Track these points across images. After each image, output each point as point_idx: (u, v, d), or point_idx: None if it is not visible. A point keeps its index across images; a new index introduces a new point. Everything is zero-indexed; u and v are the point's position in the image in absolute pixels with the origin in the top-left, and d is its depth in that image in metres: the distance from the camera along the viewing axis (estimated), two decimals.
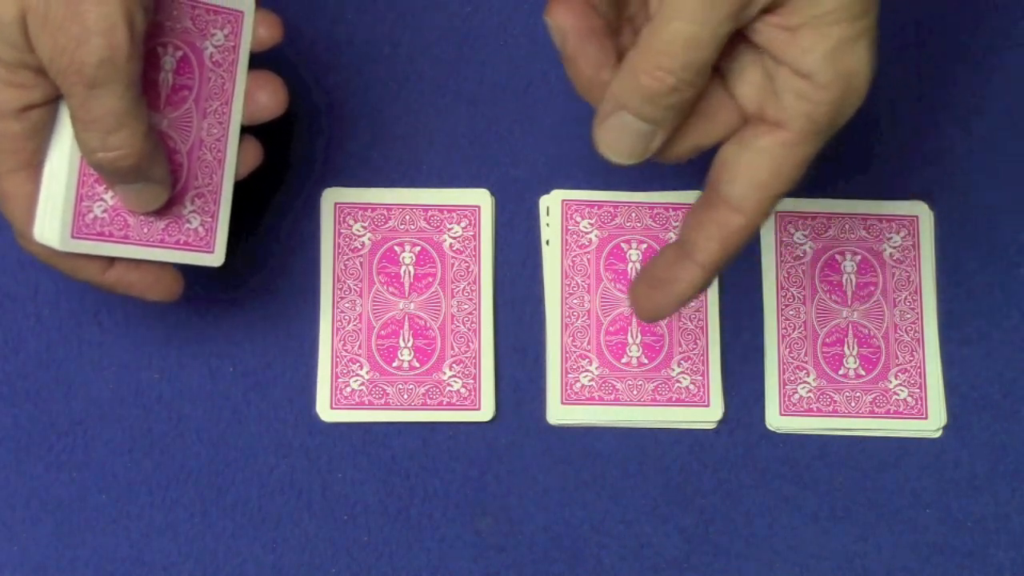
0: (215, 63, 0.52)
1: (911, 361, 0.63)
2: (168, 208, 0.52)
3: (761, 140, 0.46)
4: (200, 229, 0.53)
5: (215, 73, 0.52)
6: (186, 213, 0.52)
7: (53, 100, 0.49)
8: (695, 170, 0.65)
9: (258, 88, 0.53)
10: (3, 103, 0.48)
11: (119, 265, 0.52)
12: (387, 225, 0.62)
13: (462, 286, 0.62)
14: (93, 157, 0.47)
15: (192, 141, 0.52)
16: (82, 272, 0.51)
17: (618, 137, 0.48)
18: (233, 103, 0.53)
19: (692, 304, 0.62)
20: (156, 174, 0.49)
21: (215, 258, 0.53)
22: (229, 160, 0.53)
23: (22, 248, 0.51)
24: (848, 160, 0.65)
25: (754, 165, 0.47)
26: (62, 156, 0.49)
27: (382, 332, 0.61)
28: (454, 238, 0.62)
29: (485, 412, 0.61)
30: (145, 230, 0.52)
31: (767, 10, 0.44)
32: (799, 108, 0.46)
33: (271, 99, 0.53)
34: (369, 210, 0.62)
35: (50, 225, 0.50)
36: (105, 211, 0.51)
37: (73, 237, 0.50)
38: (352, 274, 0.61)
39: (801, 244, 0.64)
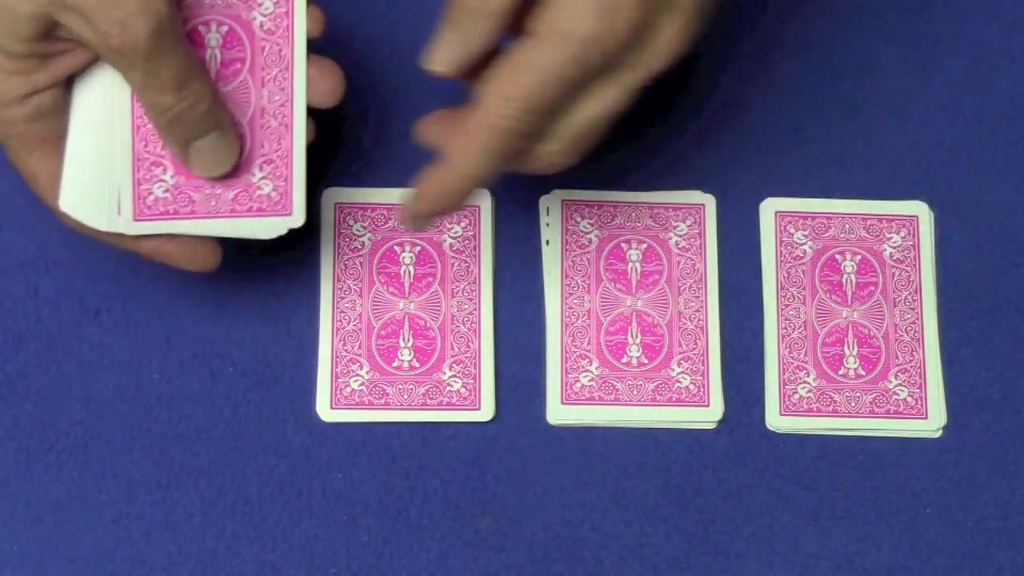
0: (267, 32, 0.52)
1: (911, 361, 0.63)
2: (236, 178, 0.52)
3: (514, 48, 0.49)
4: (274, 194, 0.53)
5: (268, 41, 0.52)
6: (256, 180, 0.53)
7: (56, 84, 0.50)
8: (695, 170, 0.65)
9: (320, 74, 0.53)
10: (6, 91, 0.49)
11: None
12: (387, 225, 0.62)
13: (462, 286, 0.62)
14: (170, 114, 0.49)
15: (253, 110, 0.52)
16: (116, 240, 0.53)
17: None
18: (295, 67, 0.52)
19: (692, 304, 0.62)
20: (226, 121, 0.51)
21: (295, 219, 0.53)
22: (298, 123, 0.53)
23: (61, 222, 0.52)
24: (848, 160, 0.65)
25: (499, 64, 0.49)
26: (101, 145, 0.50)
27: (382, 332, 0.61)
28: (454, 238, 0.62)
29: (485, 412, 0.61)
30: (213, 203, 0.52)
31: None
32: (546, 16, 0.48)
33: (333, 86, 0.53)
34: (369, 210, 0.62)
35: (102, 207, 0.51)
36: (167, 191, 0.52)
37: (136, 220, 0.51)
38: (352, 274, 0.61)
39: (801, 244, 0.64)
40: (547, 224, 0.63)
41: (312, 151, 0.61)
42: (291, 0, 0.52)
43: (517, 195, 0.63)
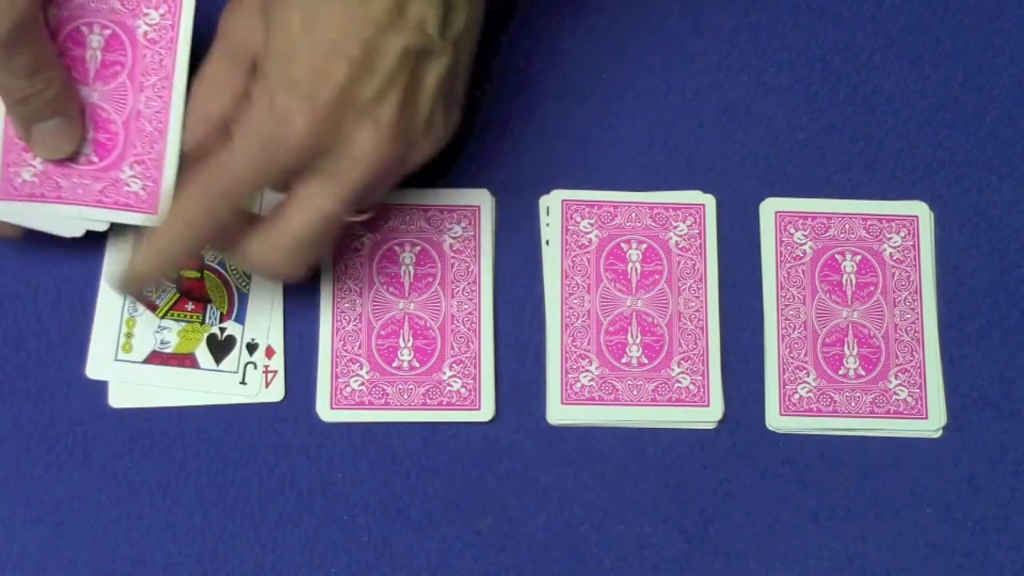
0: (150, 41, 0.56)
1: (911, 361, 0.63)
2: (106, 172, 0.56)
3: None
4: (142, 193, 0.56)
5: (151, 50, 0.56)
6: (125, 177, 0.56)
7: None
8: (695, 170, 0.65)
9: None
10: None
11: None
12: (387, 225, 0.62)
13: (462, 286, 0.62)
14: (18, 96, 0.54)
15: (129, 112, 0.56)
16: None
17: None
18: (175, 77, 0.56)
19: (692, 304, 0.62)
20: (71, 110, 0.55)
21: (158, 219, 0.56)
22: (172, 131, 0.56)
23: None
24: (848, 160, 0.65)
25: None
26: None
27: (382, 332, 0.61)
28: (454, 238, 0.62)
29: (485, 412, 0.61)
30: (80, 191, 0.56)
31: None
32: (238, 122, 0.53)
33: None
34: (369, 210, 0.62)
35: None
36: (35, 175, 0.55)
37: (1, 199, 0.55)
38: (352, 274, 0.61)
39: (801, 244, 0.64)
40: (547, 224, 0.63)
41: None
42: (178, 13, 0.56)
43: (517, 195, 0.63)
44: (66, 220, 0.56)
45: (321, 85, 0.50)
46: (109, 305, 0.59)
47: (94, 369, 0.59)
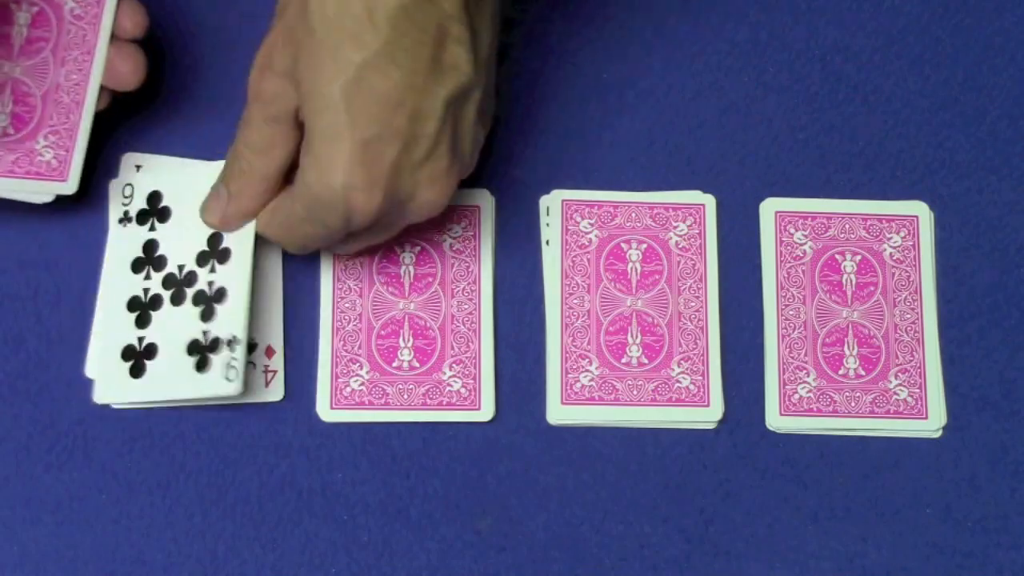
0: (76, 17, 0.58)
1: (911, 361, 0.63)
2: (20, 144, 0.57)
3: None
4: (53, 161, 0.57)
5: (75, 26, 0.58)
6: (39, 148, 0.57)
7: None
8: (695, 170, 0.65)
9: (121, 59, 0.58)
10: None
11: None
12: None
13: (462, 286, 0.62)
14: None
15: (48, 85, 0.58)
16: None
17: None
18: (97, 51, 0.58)
19: (692, 304, 0.62)
20: None
21: (68, 186, 0.57)
22: (89, 102, 0.58)
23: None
24: (848, 160, 0.65)
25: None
26: None
27: (382, 332, 0.61)
28: (455, 238, 0.62)
29: (485, 412, 0.61)
30: None
31: None
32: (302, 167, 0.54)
33: (131, 71, 0.58)
34: None
35: None
36: None
37: None
38: (352, 274, 0.61)
39: (801, 244, 0.64)
40: (547, 224, 0.63)
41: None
42: None
43: (517, 195, 0.63)
44: (36, 187, 0.57)
45: (376, 167, 0.51)
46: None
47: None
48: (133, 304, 0.59)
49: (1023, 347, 0.63)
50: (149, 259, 0.59)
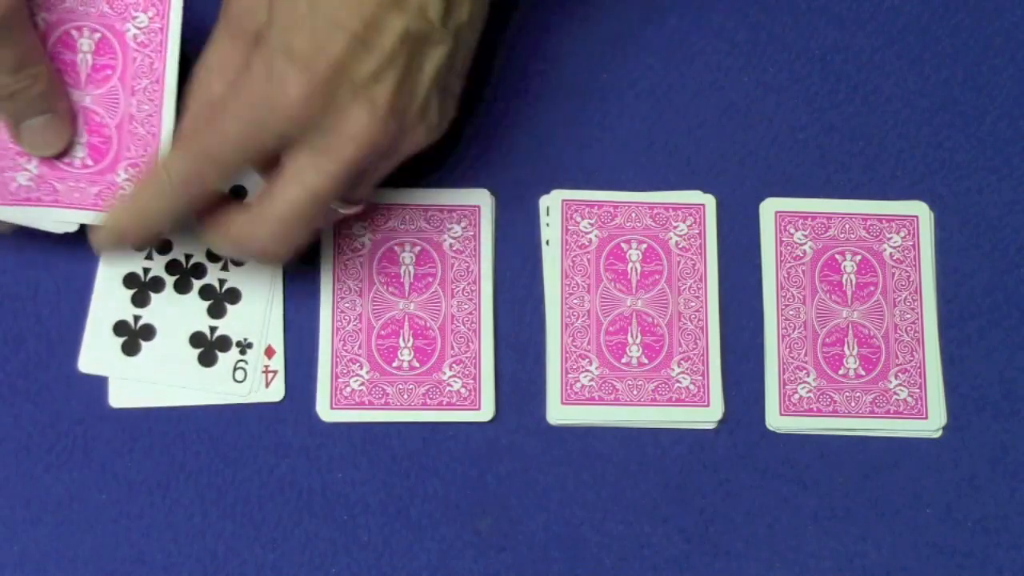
0: (140, 44, 0.56)
1: (911, 361, 0.63)
2: (101, 176, 0.56)
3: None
4: None
5: (140, 53, 0.56)
6: (120, 181, 0.56)
7: None
8: (695, 170, 0.65)
9: None
10: None
11: None
12: (387, 225, 0.62)
13: (462, 286, 0.62)
14: (5, 92, 0.53)
15: (121, 116, 0.56)
16: None
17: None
18: (166, 80, 0.56)
19: (692, 304, 0.62)
20: (60, 106, 0.55)
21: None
22: (165, 134, 0.56)
23: None
24: (848, 160, 0.65)
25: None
26: None
27: (382, 332, 0.61)
28: (454, 238, 0.62)
29: (485, 412, 0.61)
30: (76, 195, 0.56)
31: None
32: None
33: None
34: (360, 203, 0.62)
35: None
36: (31, 179, 0.55)
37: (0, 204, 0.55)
38: (352, 274, 0.61)
39: (801, 244, 0.64)
40: (547, 224, 0.63)
41: None
42: (166, 16, 0.56)
43: (517, 195, 0.63)
44: (61, 221, 0.56)
45: (319, 56, 0.50)
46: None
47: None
48: (130, 281, 0.59)
49: (1023, 347, 0.63)
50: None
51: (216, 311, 0.58)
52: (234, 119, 0.52)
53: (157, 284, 0.59)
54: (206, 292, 0.59)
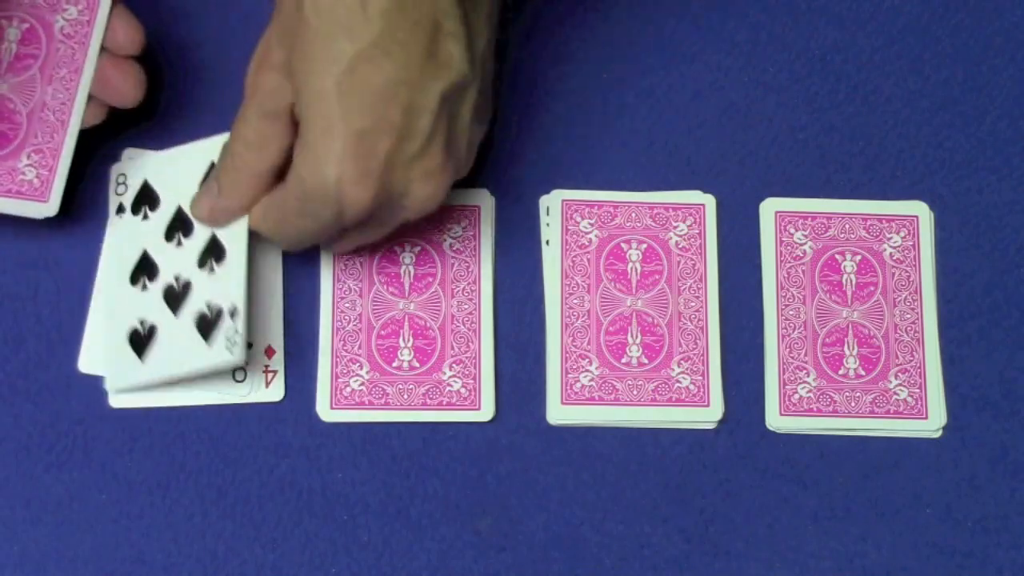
0: (66, 35, 0.57)
1: (911, 361, 0.63)
2: (2, 162, 0.56)
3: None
4: (36, 181, 0.57)
5: (65, 44, 0.57)
6: (21, 166, 0.57)
7: None
8: (695, 170, 0.65)
9: (120, 76, 0.58)
10: None
11: None
12: None
13: (462, 286, 0.62)
14: None
15: (35, 103, 0.57)
16: None
17: None
18: (84, 70, 0.57)
19: (692, 304, 0.62)
20: None
21: (49, 208, 0.57)
22: (74, 121, 0.57)
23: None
24: (848, 160, 0.65)
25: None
26: None
27: (382, 332, 0.61)
28: (454, 238, 0.62)
29: (485, 412, 0.61)
30: None
31: None
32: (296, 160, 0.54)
33: (131, 87, 0.58)
34: None
35: None
36: None
37: None
38: (352, 274, 0.61)
39: (801, 244, 0.64)
40: (547, 224, 0.63)
41: None
42: (95, 10, 0.57)
43: (517, 195, 0.63)
44: (17, 207, 0.57)
45: (369, 160, 0.51)
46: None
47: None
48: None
49: (1023, 347, 0.63)
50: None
51: (203, 261, 0.57)
52: (303, 222, 0.54)
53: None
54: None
